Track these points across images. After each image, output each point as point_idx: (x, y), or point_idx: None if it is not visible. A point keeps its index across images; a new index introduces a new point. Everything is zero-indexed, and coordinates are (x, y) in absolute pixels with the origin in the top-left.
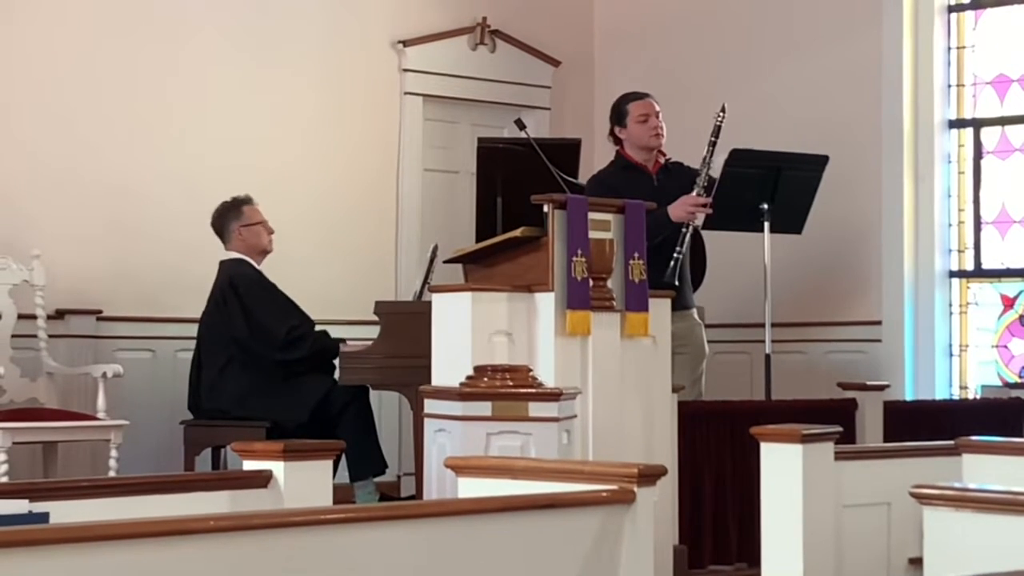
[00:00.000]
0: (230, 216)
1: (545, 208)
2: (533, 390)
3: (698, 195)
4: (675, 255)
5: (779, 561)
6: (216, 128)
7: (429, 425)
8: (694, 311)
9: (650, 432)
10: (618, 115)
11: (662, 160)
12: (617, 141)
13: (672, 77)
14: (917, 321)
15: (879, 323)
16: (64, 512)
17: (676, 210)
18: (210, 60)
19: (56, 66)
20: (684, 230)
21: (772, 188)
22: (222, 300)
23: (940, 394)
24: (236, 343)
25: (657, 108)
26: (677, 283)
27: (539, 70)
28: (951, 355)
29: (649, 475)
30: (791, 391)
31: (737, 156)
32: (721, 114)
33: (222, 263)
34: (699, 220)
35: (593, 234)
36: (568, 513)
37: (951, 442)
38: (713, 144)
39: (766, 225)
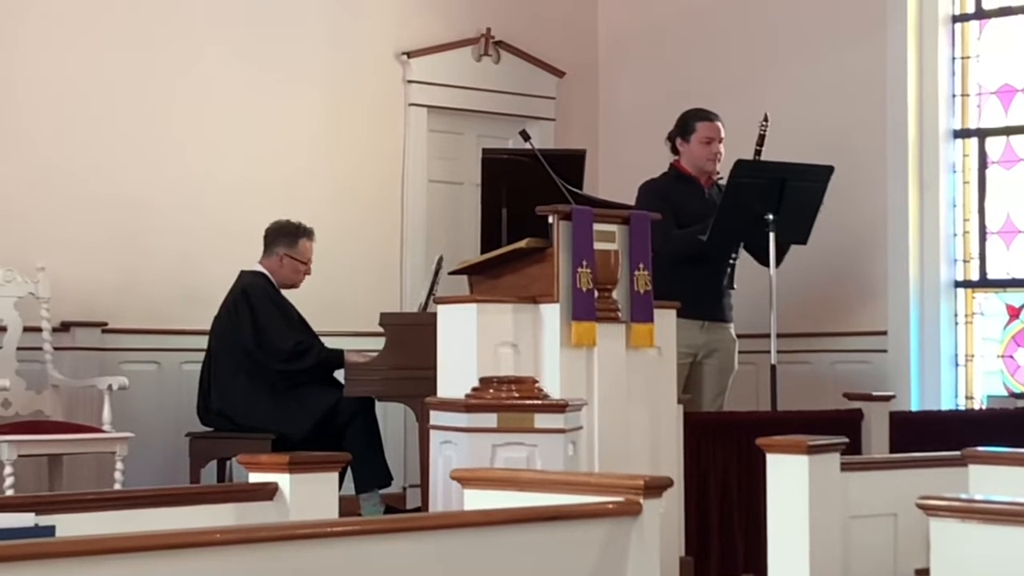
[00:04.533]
0: (284, 240)
1: (550, 219)
2: (539, 401)
3: None
4: (731, 261)
5: (786, 572)
6: (221, 140)
7: (435, 437)
8: (731, 326)
9: (656, 443)
10: (684, 128)
11: (715, 176)
12: (674, 150)
13: (676, 87)
14: (923, 331)
15: (884, 333)
16: (70, 525)
17: None
18: (215, 73)
19: (62, 79)
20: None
21: (777, 199)
22: (234, 308)
23: (946, 404)
24: (244, 352)
25: (723, 133)
26: (735, 286)
27: (543, 81)
28: (957, 365)
29: (655, 486)
30: (797, 402)
31: (742, 167)
32: (764, 123)
33: (242, 272)
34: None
35: (598, 245)
36: (574, 525)
37: (957, 453)
38: (758, 153)
39: (771, 236)
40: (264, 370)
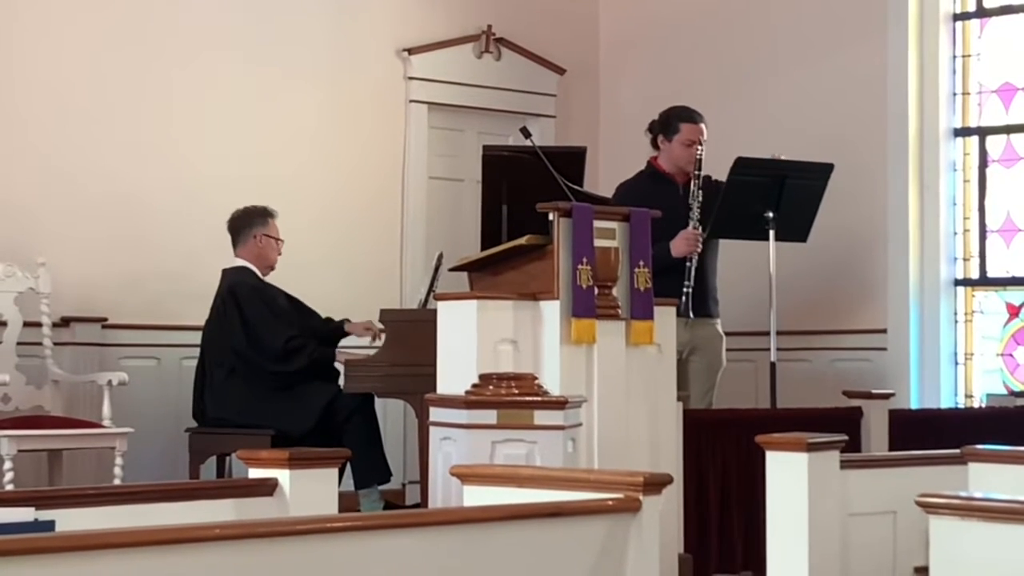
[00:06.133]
0: (255, 221)
1: (550, 216)
2: (538, 398)
3: (694, 228)
4: (684, 289)
5: (785, 570)
6: (222, 137)
7: (434, 433)
8: (718, 322)
9: (655, 440)
10: (667, 127)
11: (693, 174)
12: (654, 145)
13: (677, 85)
14: (922, 329)
15: (884, 331)
16: (70, 520)
17: (678, 245)
18: (216, 69)
19: (63, 76)
20: (688, 264)
21: (777, 196)
22: (222, 309)
23: (945, 403)
24: (236, 354)
25: (705, 136)
26: (691, 315)
27: (544, 78)
28: (956, 363)
29: (654, 483)
30: (796, 399)
31: (742, 164)
32: (700, 147)
33: (225, 271)
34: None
35: (598, 242)
36: (573, 522)
37: (957, 451)
38: (697, 177)
39: (771, 233)
40: (257, 371)
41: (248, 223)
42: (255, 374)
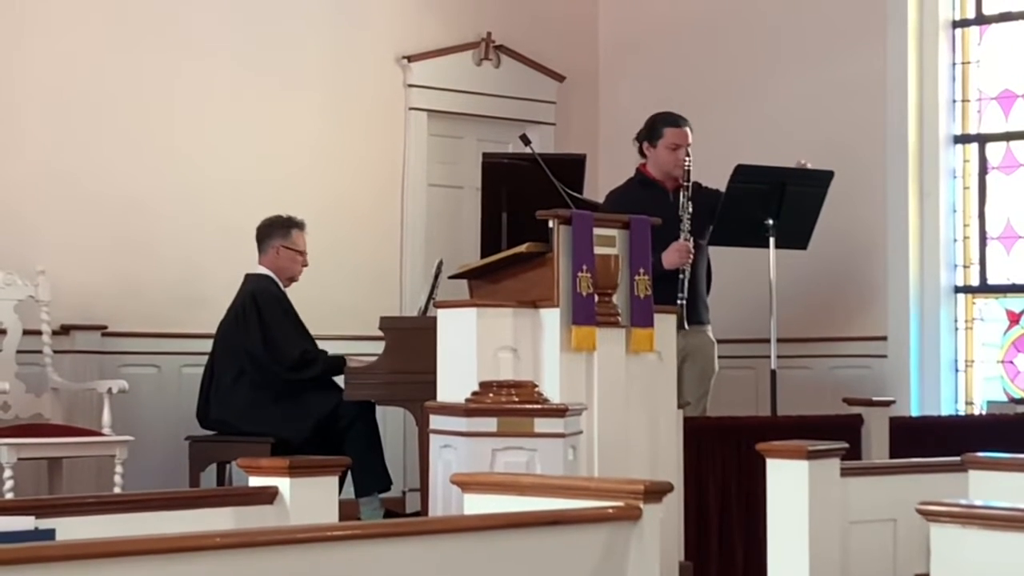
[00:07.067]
0: (277, 232)
1: (550, 224)
2: (538, 406)
3: (685, 239)
4: (679, 301)
5: None
6: (222, 143)
7: (435, 441)
8: (708, 328)
9: (656, 448)
10: (652, 132)
11: (682, 181)
12: (641, 152)
13: (676, 92)
14: (922, 336)
15: (884, 339)
16: (70, 529)
17: (669, 257)
18: (216, 76)
19: (64, 82)
20: (681, 276)
21: (777, 204)
22: (242, 313)
23: (946, 410)
24: (249, 357)
25: (690, 140)
26: (686, 327)
27: (544, 85)
28: (956, 371)
29: (655, 491)
30: (796, 407)
31: (742, 172)
32: (687, 158)
33: (248, 276)
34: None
35: (598, 250)
36: (574, 530)
37: (957, 458)
38: (686, 188)
39: (771, 241)
40: (267, 376)
41: (269, 234)
42: (264, 379)
